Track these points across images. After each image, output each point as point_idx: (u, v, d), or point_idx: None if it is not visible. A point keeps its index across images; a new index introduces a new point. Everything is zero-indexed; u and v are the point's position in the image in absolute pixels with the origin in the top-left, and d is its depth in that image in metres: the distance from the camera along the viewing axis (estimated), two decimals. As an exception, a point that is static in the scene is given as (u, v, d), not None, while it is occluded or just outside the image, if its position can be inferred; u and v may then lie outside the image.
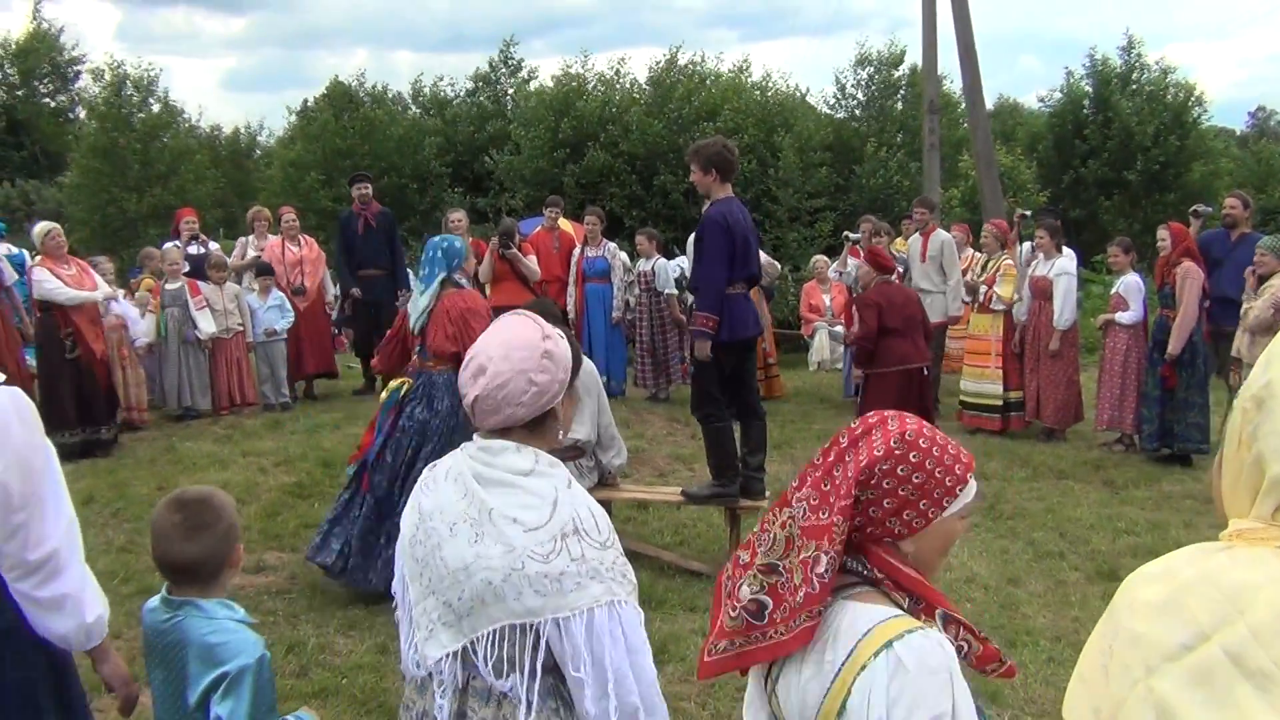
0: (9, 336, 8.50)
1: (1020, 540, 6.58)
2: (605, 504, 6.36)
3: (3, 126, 31.42)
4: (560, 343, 2.11)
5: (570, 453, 5.94)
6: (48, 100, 34.68)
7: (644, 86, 22.60)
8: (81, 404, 8.39)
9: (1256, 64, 74.98)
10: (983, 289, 9.55)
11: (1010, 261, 9.59)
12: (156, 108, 27.19)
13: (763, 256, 10.86)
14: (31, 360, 8.87)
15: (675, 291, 10.85)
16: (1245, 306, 7.57)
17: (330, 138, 24.19)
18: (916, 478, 1.68)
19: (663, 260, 11.01)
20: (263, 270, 10.35)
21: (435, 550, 2.04)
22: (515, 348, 2.06)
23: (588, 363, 6.01)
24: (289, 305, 10.33)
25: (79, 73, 34.54)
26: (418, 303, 5.54)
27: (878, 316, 7.39)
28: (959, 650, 1.65)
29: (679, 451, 8.71)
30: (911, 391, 7.65)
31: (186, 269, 10.18)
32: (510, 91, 27.46)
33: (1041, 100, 30.41)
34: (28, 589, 2.33)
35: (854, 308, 7.80)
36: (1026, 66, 77.77)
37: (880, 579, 1.69)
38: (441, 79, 28.75)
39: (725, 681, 4.55)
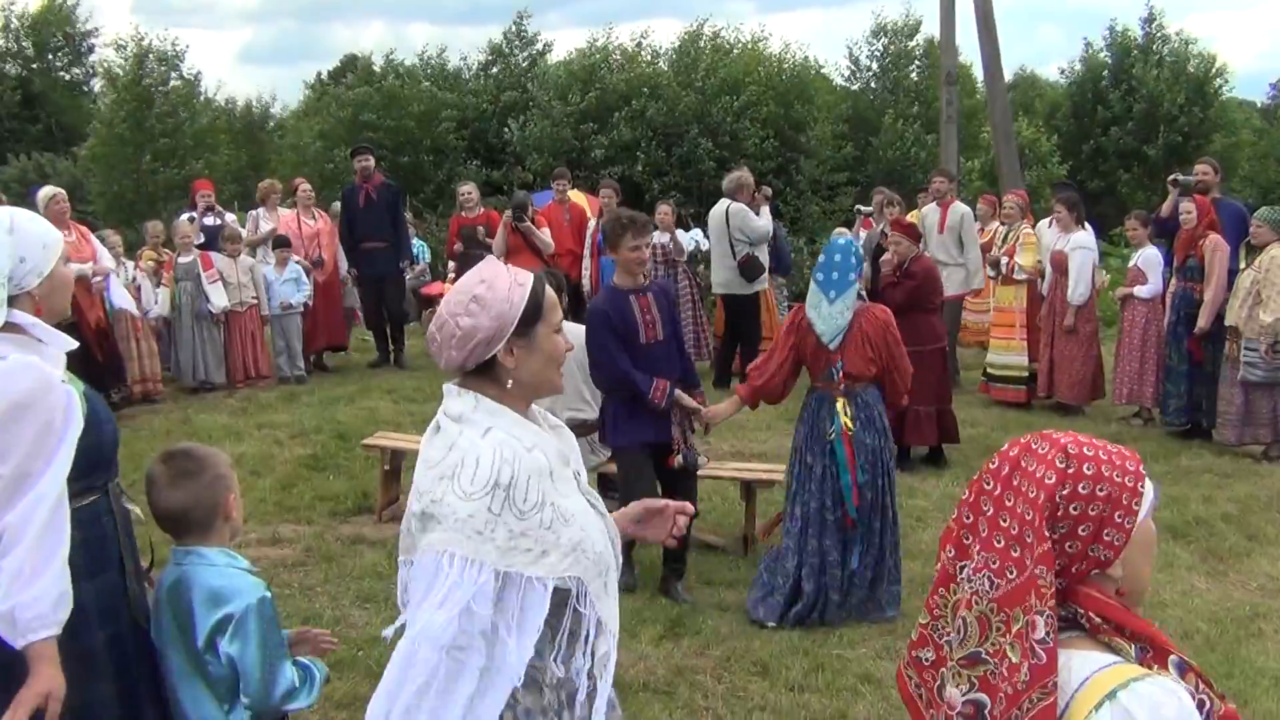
0: None
1: (1038, 515, 6.53)
2: (614, 478, 6.35)
3: (17, 99, 31.42)
4: (500, 288, 2.03)
5: (580, 430, 5.91)
6: (63, 73, 34.70)
7: (669, 58, 22.43)
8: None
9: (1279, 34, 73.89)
10: (1004, 260, 9.46)
11: (1030, 230, 9.50)
12: (175, 81, 27.16)
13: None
14: None
15: (704, 248, 10.82)
16: (1245, 276, 7.58)
17: (360, 108, 24.07)
18: (1101, 490, 1.47)
19: (680, 232, 10.95)
20: (280, 243, 10.32)
21: None
22: (456, 292, 2.05)
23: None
24: (305, 278, 10.30)
25: (93, 45, 34.53)
26: (829, 313, 4.96)
27: (915, 291, 7.30)
28: (1199, 705, 1.43)
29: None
30: (946, 369, 7.63)
31: (201, 240, 10.17)
32: (525, 64, 27.31)
33: (1062, 71, 30.13)
34: None
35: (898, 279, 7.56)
36: (1045, 37, 76.82)
37: (1098, 624, 1.48)
38: (444, 50, 28.45)
39: (741, 654, 4.54)
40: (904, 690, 1.67)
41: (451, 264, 11.42)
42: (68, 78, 34.73)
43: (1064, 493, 1.46)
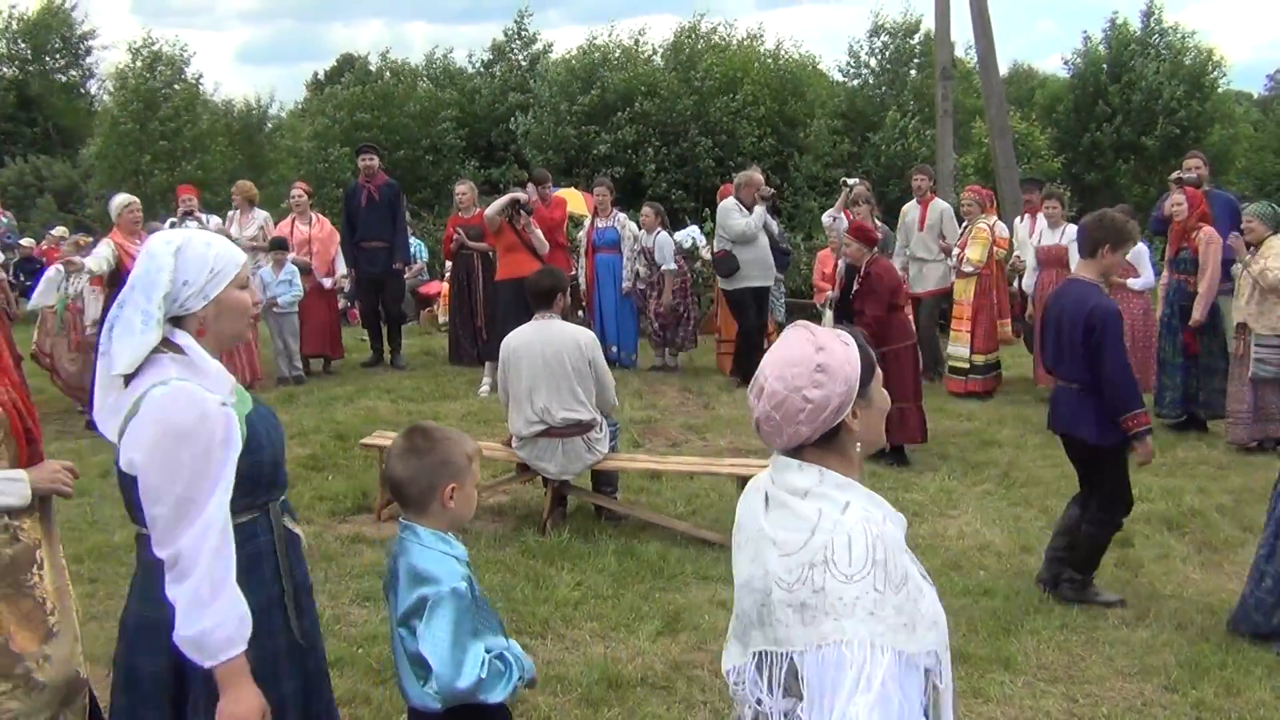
0: None
1: (1033, 508, 6.56)
2: (614, 474, 6.37)
3: (13, 101, 31.42)
4: (837, 352, 1.94)
5: (575, 430, 5.93)
6: (59, 76, 34.68)
7: (665, 56, 22.41)
8: None
9: (1277, 26, 73.82)
10: (955, 252, 9.65)
11: (982, 225, 9.67)
12: (178, 86, 27.20)
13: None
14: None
15: (674, 268, 10.70)
16: (1253, 268, 7.53)
17: (354, 108, 24.08)
18: None
19: (663, 235, 10.91)
20: (276, 245, 10.29)
21: (735, 563, 2.07)
22: (789, 365, 1.94)
23: (585, 333, 6.00)
24: (298, 281, 10.27)
25: (90, 48, 34.54)
26: None
27: (889, 295, 7.36)
28: None
29: (691, 422, 8.72)
30: (917, 366, 7.68)
31: None
32: (525, 63, 27.33)
33: (1066, 62, 30.16)
34: (168, 579, 2.33)
35: (857, 286, 7.56)
36: (1043, 31, 76.86)
37: None
38: (451, 51, 28.51)
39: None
40: None
41: (449, 264, 11.42)
42: (64, 80, 34.69)
43: None
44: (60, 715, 2.78)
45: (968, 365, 9.56)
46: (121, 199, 8.70)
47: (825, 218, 11.89)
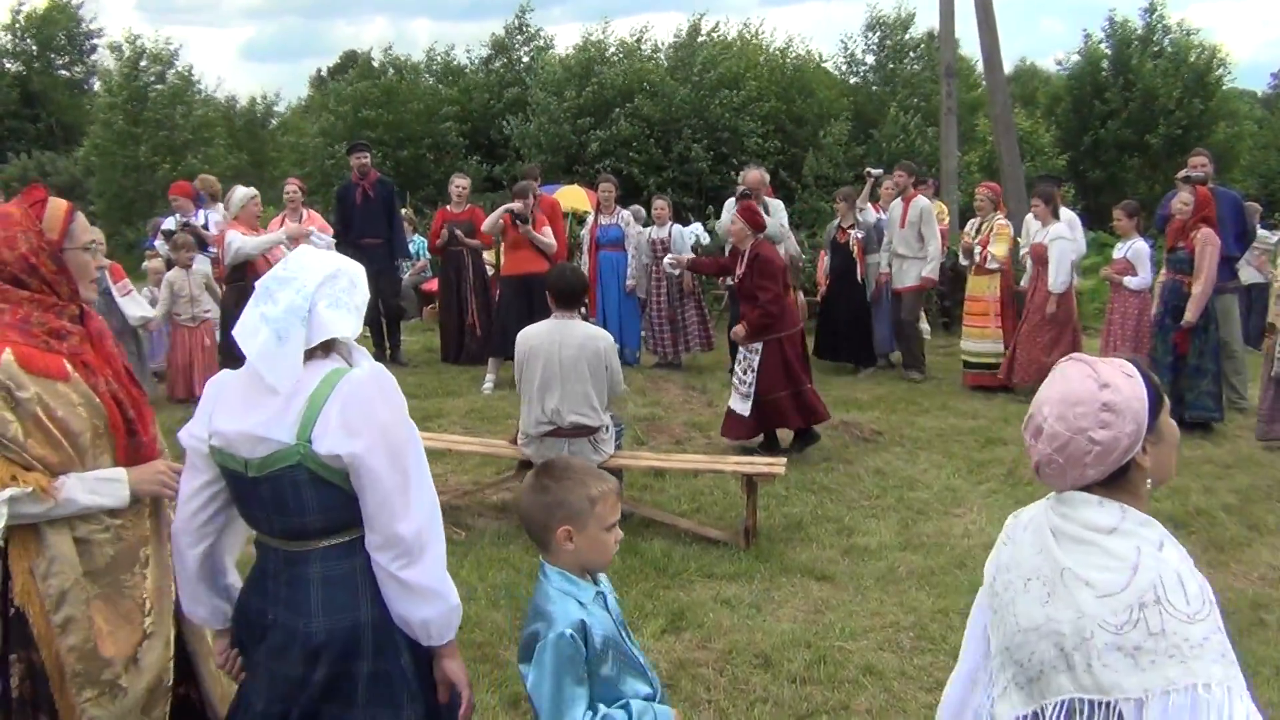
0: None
1: (1039, 506, 6.54)
2: (616, 473, 6.33)
3: (17, 98, 31.45)
4: (1124, 389, 1.85)
5: (582, 432, 5.89)
6: (64, 72, 34.73)
7: (667, 52, 22.37)
8: None
9: (1280, 24, 73.67)
10: (977, 249, 9.65)
11: (1004, 221, 9.72)
12: (171, 80, 27.19)
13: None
14: None
15: (693, 256, 10.77)
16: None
17: (359, 104, 24.04)
18: None
19: (678, 227, 10.91)
20: None
21: (1010, 605, 1.96)
22: (1071, 404, 1.85)
23: (605, 336, 5.95)
24: None
25: (95, 45, 34.60)
26: None
27: (781, 276, 7.43)
28: None
29: (695, 419, 8.69)
30: (804, 351, 7.73)
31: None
32: (526, 59, 27.31)
33: (1059, 63, 30.12)
34: (395, 568, 2.35)
35: (746, 271, 7.47)
36: (1047, 29, 76.80)
37: None
38: (453, 48, 28.53)
39: (743, 647, 4.55)
40: None
41: (439, 260, 11.40)
42: (68, 76, 34.74)
43: None
44: None
45: (1001, 359, 9.52)
46: (244, 191, 8.62)
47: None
